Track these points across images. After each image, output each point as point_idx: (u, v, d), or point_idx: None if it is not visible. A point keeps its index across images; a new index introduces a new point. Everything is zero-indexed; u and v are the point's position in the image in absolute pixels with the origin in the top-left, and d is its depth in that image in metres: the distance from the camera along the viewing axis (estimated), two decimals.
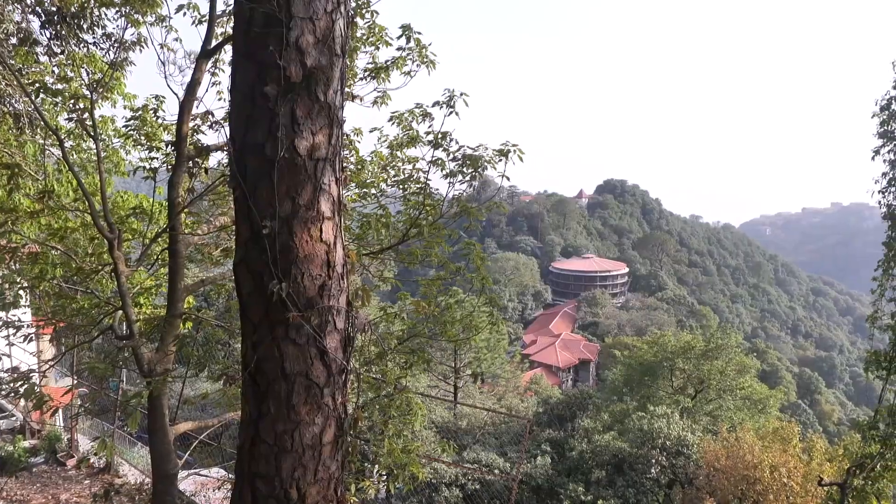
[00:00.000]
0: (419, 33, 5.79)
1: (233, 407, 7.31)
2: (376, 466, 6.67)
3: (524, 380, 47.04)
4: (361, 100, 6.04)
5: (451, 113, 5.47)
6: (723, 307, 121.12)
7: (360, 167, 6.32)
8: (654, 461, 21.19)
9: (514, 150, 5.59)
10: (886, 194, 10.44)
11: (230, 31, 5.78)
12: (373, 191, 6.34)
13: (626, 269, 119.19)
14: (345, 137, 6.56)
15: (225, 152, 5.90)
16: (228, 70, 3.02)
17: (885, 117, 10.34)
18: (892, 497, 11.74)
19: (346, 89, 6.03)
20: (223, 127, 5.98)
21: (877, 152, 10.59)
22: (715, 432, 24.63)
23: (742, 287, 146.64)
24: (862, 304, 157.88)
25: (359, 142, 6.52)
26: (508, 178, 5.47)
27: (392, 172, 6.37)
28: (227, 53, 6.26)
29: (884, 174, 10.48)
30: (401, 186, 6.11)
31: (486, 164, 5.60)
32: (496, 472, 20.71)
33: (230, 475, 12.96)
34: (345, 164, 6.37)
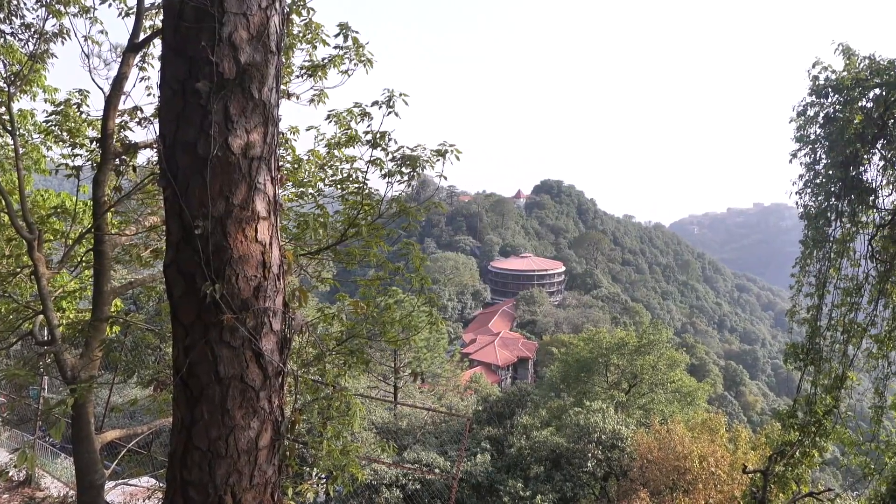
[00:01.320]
0: (357, 32, 5.76)
1: (163, 413, 7.05)
2: (315, 469, 6.59)
3: (464, 378, 47.36)
4: (298, 98, 5.95)
5: (389, 113, 5.47)
6: (654, 304, 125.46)
7: (296, 166, 6.22)
8: (590, 455, 21.75)
9: (452, 150, 5.64)
10: (803, 195, 11.03)
11: (160, 24, 5.57)
12: (310, 190, 6.24)
13: (563, 268, 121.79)
14: (281, 136, 6.44)
15: (154, 150, 5.70)
16: (158, 65, 2.91)
17: (801, 122, 10.93)
18: (810, 482, 12.44)
19: (283, 87, 5.93)
20: (152, 123, 5.77)
21: (794, 155, 11.17)
22: (647, 425, 25.54)
23: (672, 284, 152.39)
24: (782, 300, 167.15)
25: (295, 140, 6.42)
26: (446, 178, 5.53)
27: (330, 172, 6.29)
28: (157, 48, 6.04)
29: (800, 176, 11.06)
30: (339, 186, 6.04)
31: (424, 163, 5.62)
32: (437, 471, 20.77)
33: (161, 484, 12.49)
34: (281, 163, 6.25)
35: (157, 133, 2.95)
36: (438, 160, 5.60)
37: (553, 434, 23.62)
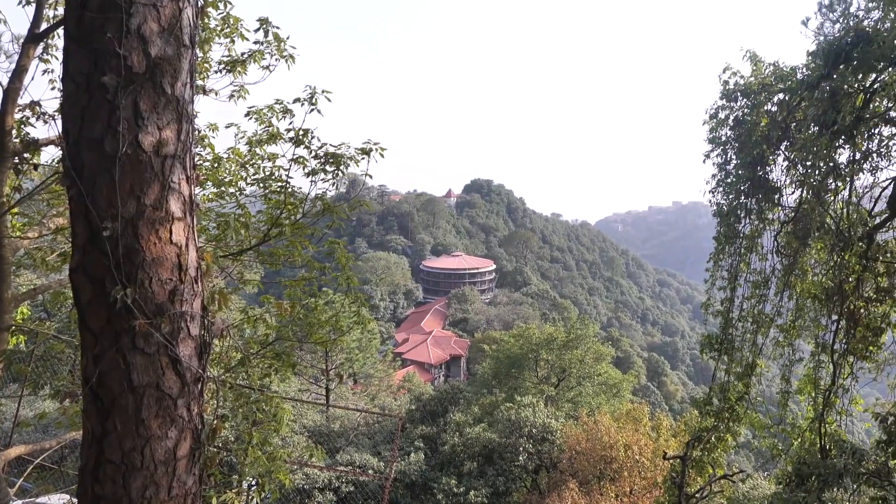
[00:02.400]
0: (277, 27, 5.62)
1: (76, 426, 6.66)
2: (241, 477, 6.39)
3: (397, 378, 47.22)
4: (217, 94, 5.74)
5: (312, 110, 5.37)
6: (582, 300, 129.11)
7: (216, 165, 5.99)
8: (521, 449, 22.16)
9: (376, 148, 5.60)
10: (715, 194, 11.62)
11: (63, 13, 5.26)
12: (231, 189, 6.03)
13: (494, 266, 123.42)
14: (198, 133, 6.19)
15: (58, 147, 5.36)
16: (62, 56, 2.75)
17: (713, 125, 11.52)
18: (725, 465, 13.13)
19: (199, 82, 5.71)
20: (55, 119, 5.42)
21: (707, 156, 11.76)
22: (576, 417, 26.29)
23: (598, 280, 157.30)
24: (699, 293, 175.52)
25: (214, 138, 6.19)
26: (371, 177, 5.48)
27: (252, 170, 6.10)
28: (61, 38, 5.69)
29: (713, 176, 11.65)
30: (261, 185, 5.88)
31: (348, 161, 5.55)
32: (370, 472, 20.62)
33: (75, 501, 11.80)
34: (199, 162, 6.02)
35: (61, 129, 2.78)
36: (363, 158, 5.54)
37: (485, 430, 23.92)
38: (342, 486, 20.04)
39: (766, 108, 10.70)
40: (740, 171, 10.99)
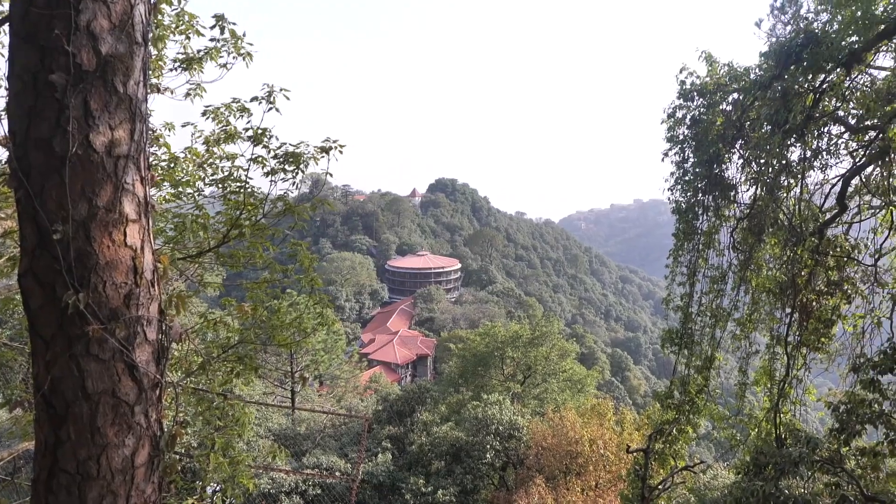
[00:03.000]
0: (234, 24, 5.52)
1: (30, 436, 6.44)
2: (204, 483, 6.27)
3: (363, 379, 46.98)
4: (172, 92, 5.60)
5: (270, 108, 5.29)
6: (546, 297, 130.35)
7: (172, 165, 5.85)
8: (488, 446, 22.28)
9: (336, 146, 5.54)
10: (674, 191, 11.87)
11: (7, 9, 5.07)
12: (189, 190, 5.90)
13: (459, 265, 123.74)
14: (153, 132, 6.04)
15: (4, 147, 5.16)
16: (6, 53, 2.65)
17: (671, 124, 11.76)
18: (686, 456, 13.43)
19: (153, 80, 5.57)
20: (1, 119, 5.22)
21: (666, 154, 11.99)
22: (542, 414, 26.58)
23: (562, 278, 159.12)
24: (660, 289, 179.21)
25: (171, 137, 6.04)
26: (332, 175, 5.43)
27: (210, 171, 5.98)
28: (6, 35, 5.48)
29: (671, 174, 11.89)
30: (220, 185, 5.77)
31: (308, 160, 5.48)
32: (337, 474, 20.48)
33: None
34: (154, 162, 5.88)
35: (7, 129, 2.68)
36: (323, 156, 5.48)
37: (453, 428, 23.98)
38: (309, 490, 19.87)
39: (721, 107, 10.98)
40: (697, 169, 11.25)
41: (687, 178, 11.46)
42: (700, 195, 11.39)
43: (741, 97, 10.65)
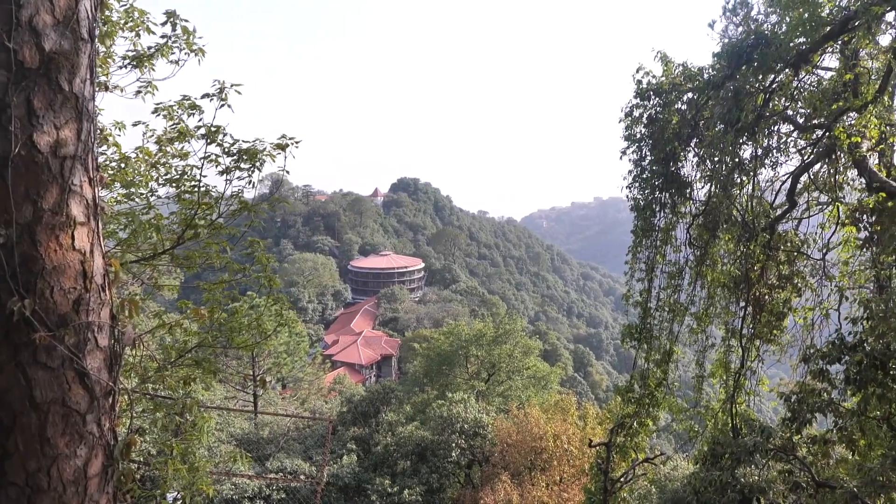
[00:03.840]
0: (186, 21, 5.37)
1: None
2: (162, 491, 6.11)
3: (327, 380, 46.51)
4: (122, 90, 5.43)
5: (222, 105, 5.17)
6: (510, 295, 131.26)
7: (123, 165, 5.66)
8: (454, 445, 22.35)
9: (292, 143, 5.45)
10: (632, 189, 12.08)
11: None
12: (141, 191, 5.72)
13: (422, 265, 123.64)
14: (103, 132, 5.84)
15: None
16: None
17: (628, 122, 11.96)
18: (647, 448, 13.71)
19: (101, 78, 5.39)
20: None
21: (624, 153, 12.19)
22: (506, 411, 26.76)
23: (525, 276, 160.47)
24: (620, 285, 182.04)
25: (121, 136, 5.84)
26: (288, 172, 5.34)
27: (163, 170, 5.81)
28: None
29: (629, 172, 12.10)
30: (174, 185, 5.61)
31: (264, 157, 5.38)
32: (302, 477, 20.25)
33: None
34: (104, 162, 5.70)
35: None
36: (280, 154, 5.38)
37: (418, 428, 23.97)
38: (273, 494, 19.60)
39: (676, 106, 11.22)
40: (654, 167, 11.48)
41: (644, 175, 11.68)
42: (657, 192, 11.62)
43: (695, 96, 10.91)
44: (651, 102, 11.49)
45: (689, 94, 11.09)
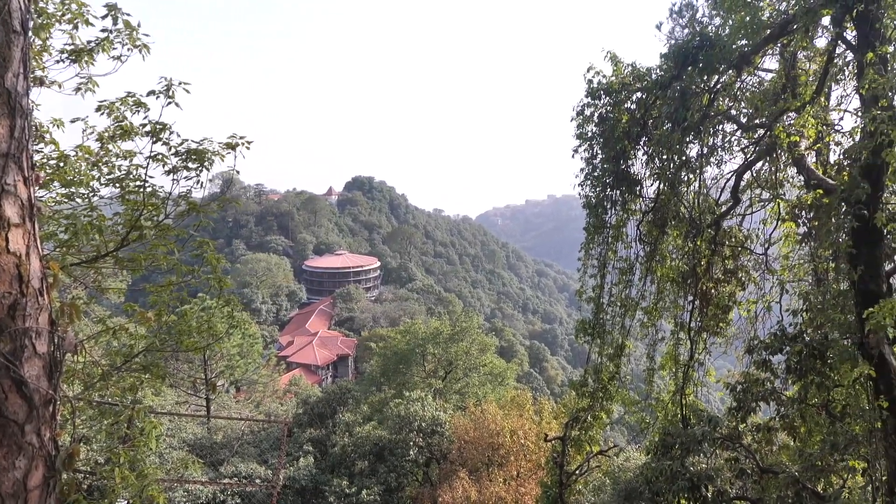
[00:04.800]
0: (128, 14, 5.17)
1: None
2: (115, 500, 5.91)
3: (283, 382, 45.84)
4: (60, 86, 5.19)
5: (169, 103, 5.01)
6: (466, 293, 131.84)
7: (62, 164, 5.40)
8: (412, 443, 22.33)
9: (243, 143, 5.33)
10: (584, 187, 12.26)
11: None
12: (82, 190, 5.47)
13: (378, 263, 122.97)
14: (39, 129, 5.57)
15: None
16: None
17: (580, 121, 12.13)
18: (601, 441, 13.99)
19: (37, 73, 5.15)
20: None
21: (576, 151, 12.37)
22: (464, 408, 26.88)
23: (481, 273, 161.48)
24: (574, 282, 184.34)
25: (60, 133, 5.57)
26: (238, 172, 5.23)
27: (106, 170, 5.57)
28: None
29: (581, 170, 12.28)
30: (118, 185, 5.40)
31: (213, 157, 5.24)
32: (258, 481, 19.89)
33: None
34: (41, 161, 5.44)
35: None
36: (230, 153, 5.25)
37: (375, 428, 23.86)
38: (228, 500, 19.23)
39: (626, 105, 11.46)
40: (605, 165, 11.69)
41: (596, 173, 11.88)
42: (608, 190, 11.84)
43: (644, 96, 11.16)
44: (602, 101, 11.69)
45: (638, 94, 11.34)
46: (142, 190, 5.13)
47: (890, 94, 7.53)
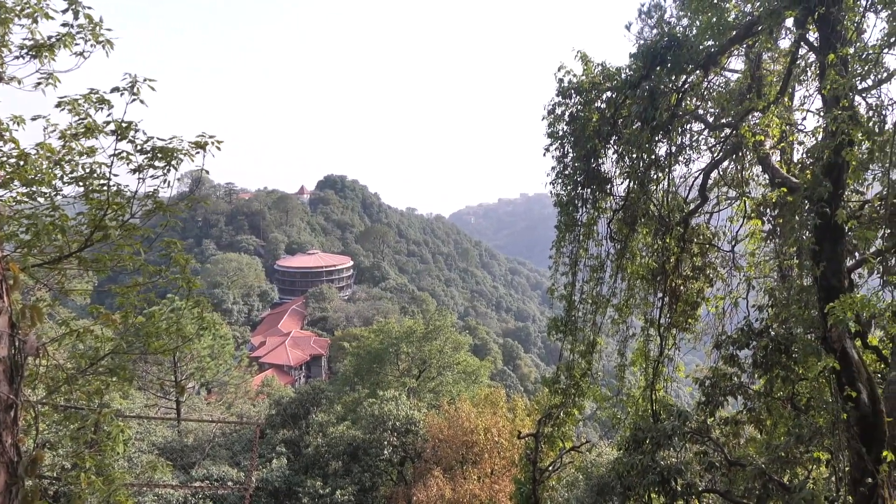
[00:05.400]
0: (90, 8, 5.05)
1: None
2: None
3: (255, 383, 45.32)
4: (20, 82, 5.04)
5: (134, 100, 4.91)
6: (439, 291, 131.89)
7: (22, 162, 5.23)
8: (386, 443, 22.31)
9: (212, 141, 5.25)
10: (555, 185, 12.35)
11: None
12: (44, 189, 5.31)
13: (351, 263, 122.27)
14: None
15: None
16: None
17: (551, 120, 12.21)
18: (574, 437, 14.11)
19: None
20: None
21: (547, 149, 12.45)
22: (438, 406, 26.94)
23: (454, 272, 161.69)
24: (546, 279, 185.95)
25: (20, 131, 5.39)
26: (208, 172, 5.15)
27: (68, 168, 5.42)
28: None
29: (553, 168, 12.36)
30: (81, 184, 5.26)
31: (181, 156, 5.15)
32: (230, 484, 19.65)
33: None
34: (1, 159, 5.28)
35: None
36: (199, 152, 5.17)
37: (349, 428, 23.78)
38: (199, 503, 18.95)
39: (596, 104, 11.57)
40: (576, 164, 11.79)
41: (567, 172, 11.97)
42: (579, 188, 11.95)
43: (614, 95, 11.29)
44: (572, 101, 11.78)
45: (608, 93, 11.46)
46: (106, 189, 5.01)
47: (850, 94, 7.73)
